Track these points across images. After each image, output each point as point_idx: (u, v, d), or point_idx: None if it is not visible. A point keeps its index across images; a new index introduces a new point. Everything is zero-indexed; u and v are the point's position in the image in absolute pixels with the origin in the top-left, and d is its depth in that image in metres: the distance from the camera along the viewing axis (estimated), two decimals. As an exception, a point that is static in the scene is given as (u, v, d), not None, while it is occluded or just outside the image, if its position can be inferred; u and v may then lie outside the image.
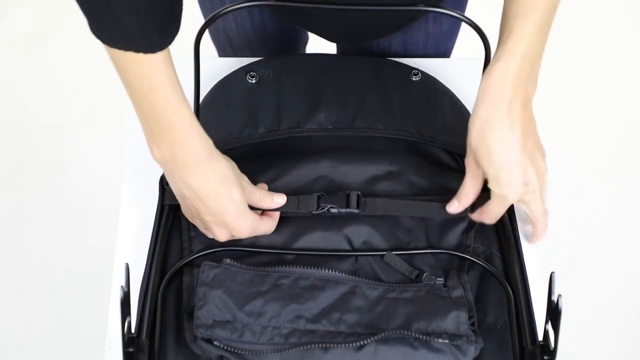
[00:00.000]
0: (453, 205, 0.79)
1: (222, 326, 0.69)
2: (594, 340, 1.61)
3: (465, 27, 0.81)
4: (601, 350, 1.62)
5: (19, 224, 1.74)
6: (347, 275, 0.75)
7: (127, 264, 0.67)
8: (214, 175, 0.72)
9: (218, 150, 0.73)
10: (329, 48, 1.04)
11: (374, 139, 0.85)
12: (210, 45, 1.12)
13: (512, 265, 0.78)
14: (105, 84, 1.61)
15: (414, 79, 0.91)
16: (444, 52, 1.03)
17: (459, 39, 1.04)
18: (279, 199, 0.78)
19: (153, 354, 0.72)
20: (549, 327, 0.68)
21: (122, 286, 0.65)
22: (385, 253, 0.78)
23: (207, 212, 0.73)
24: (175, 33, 0.66)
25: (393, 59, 0.96)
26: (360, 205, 0.79)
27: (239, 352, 0.69)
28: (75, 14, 0.64)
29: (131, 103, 0.69)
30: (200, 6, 1.01)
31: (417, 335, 0.69)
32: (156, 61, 0.65)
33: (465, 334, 0.70)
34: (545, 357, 0.69)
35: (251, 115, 0.84)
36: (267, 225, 0.78)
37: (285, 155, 0.84)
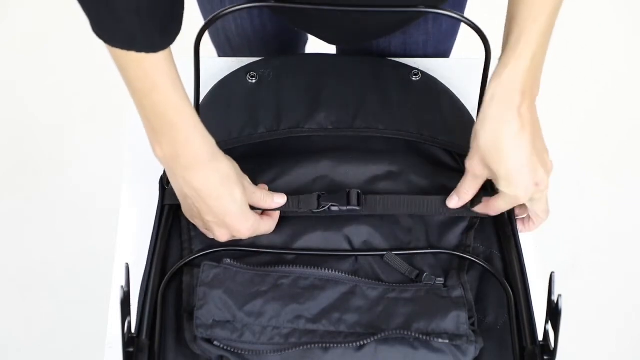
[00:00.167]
0: (453, 200, 0.79)
1: (222, 326, 0.69)
2: (594, 340, 1.61)
3: (464, 27, 0.81)
4: (601, 350, 1.62)
5: (19, 224, 1.74)
6: (347, 275, 0.75)
7: (127, 264, 0.67)
8: (216, 175, 0.72)
9: (220, 150, 0.73)
10: (329, 48, 1.04)
11: (374, 139, 0.85)
12: (209, 46, 1.12)
13: (512, 265, 0.78)
14: (105, 84, 1.61)
15: (414, 79, 0.91)
16: (443, 52, 1.03)
17: (458, 39, 1.04)
18: (280, 199, 0.78)
19: (153, 354, 0.72)
20: (549, 327, 0.68)
21: (122, 286, 0.65)
22: (385, 253, 0.78)
23: (208, 212, 0.73)
24: (177, 33, 0.66)
25: (393, 59, 0.96)
26: (361, 203, 0.79)
27: (239, 352, 0.69)
28: (75, 14, 0.64)
29: (133, 102, 0.69)
30: (199, 7, 1.01)
31: (417, 335, 0.69)
32: (158, 61, 0.65)
33: (465, 334, 0.70)
34: (545, 357, 0.69)
35: (251, 115, 0.84)
36: (268, 225, 0.78)
37: (285, 155, 0.84)
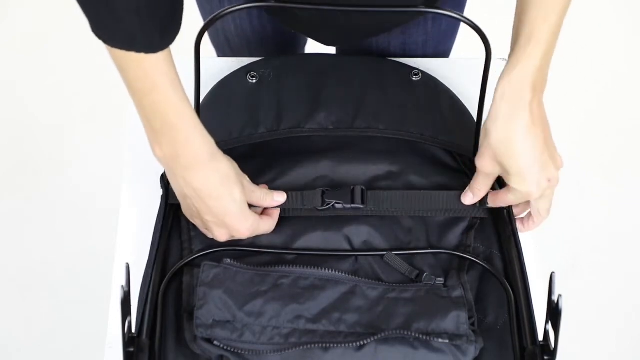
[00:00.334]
0: (468, 196, 0.80)
1: (222, 326, 0.69)
2: (594, 340, 1.61)
3: (464, 27, 0.81)
4: (601, 350, 1.62)
5: (19, 224, 1.74)
6: (347, 275, 0.75)
7: (128, 263, 0.67)
8: (215, 175, 0.72)
9: (220, 150, 0.73)
10: (328, 49, 1.04)
11: (375, 139, 0.85)
12: (209, 47, 1.12)
13: (512, 265, 0.78)
14: (105, 84, 1.61)
15: (414, 79, 0.91)
16: (443, 52, 1.02)
17: (458, 39, 1.04)
18: (279, 197, 0.78)
19: (153, 353, 0.72)
20: (549, 327, 0.68)
21: (123, 286, 0.65)
22: (385, 253, 0.78)
23: (208, 212, 0.73)
24: (176, 33, 0.66)
25: (393, 59, 0.96)
26: (365, 200, 0.79)
27: (239, 352, 0.69)
28: (75, 14, 0.64)
29: (133, 102, 0.69)
30: (199, 7, 1.01)
31: (417, 335, 0.69)
32: (157, 61, 0.65)
33: (465, 334, 0.70)
34: (545, 357, 0.69)
35: (251, 115, 0.84)
36: (267, 225, 0.78)
37: (285, 155, 0.84)
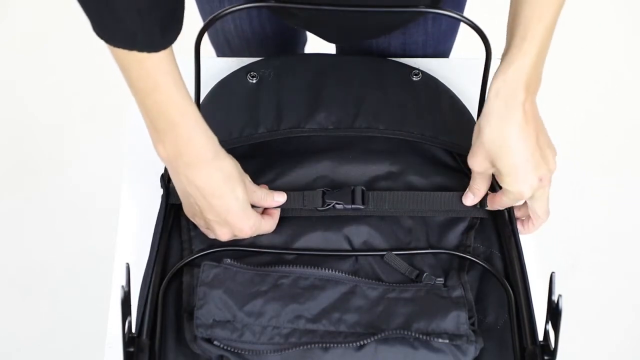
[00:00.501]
0: (469, 197, 0.80)
1: (222, 326, 0.69)
2: (594, 340, 1.61)
3: (464, 27, 0.81)
4: (601, 350, 1.62)
5: (19, 224, 1.74)
6: (347, 275, 0.75)
7: (128, 263, 0.67)
8: (218, 173, 0.72)
9: (222, 149, 0.73)
10: (328, 48, 1.04)
11: (375, 139, 0.85)
12: (209, 47, 1.12)
13: (513, 265, 0.78)
14: (105, 84, 1.61)
15: (414, 79, 0.91)
16: (443, 52, 1.02)
17: (458, 39, 1.04)
18: (280, 197, 0.78)
19: (153, 353, 0.72)
20: (549, 327, 0.68)
21: (123, 286, 0.65)
22: (385, 253, 0.78)
23: (210, 211, 0.73)
24: (178, 32, 0.66)
25: (393, 59, 0.96)
26: (366, 201, 0.79)
27: (239, 352, 0.69)
28: (75, 14, 0.64)
29: (135, 102, 0.69)
30: (198, 8, 1.01)
31: (417, 335, 0.69)
32: (159, 60, 0.65)
33: (465, 334, 0.70)
34: (545, 357, 0.69)
35: (251, 115, 0.84)
36: (269, 225, 0.78)
37: (285, 155, 0.84)
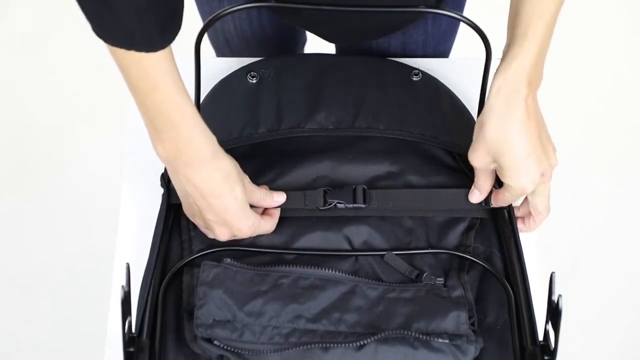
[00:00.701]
0: (475, 195, 0.80)
1: (222, 326, 0.69)
2: (594, 340, 1.61)
3: (464, 27, 0.81)
4: (601, 350, 1.62)
5: (19, 224, 1.74)
6: (347, 275, 0.75)
7: (128, 263, 0.67)
8: (217, 173, 0.72)
9: (221, 149, 0.73)
10: (328, 48, 1.04)
11: (375, 139, 0.85)
12: (209, 47, 1.12)
13: (513, 265, 0.78)
14: (105, 84, 1.61)
15: (414, 79, 0.91)
16: (443, 52, 1.02)
17: (458, 39, 1.04)
18: (279, 197, 0.78)
19: (153, 353, 0.72)
20: (549, 327, 0.68)
21: (123, 286, 0.65)
22: (385, 253, 0.78)
23: (209, 210, 0.73)
24: (177, 32, 0.66)
25: (393, 59, 0.96)
26: (367, 200, 0.79)
27: (239, 352, 0.69)
28: (75, 14, 0.64)
29: (134, 102, 0.69)
30: (198, 8, 1.01)
31: (417, 335, 0.69)
32: (158, 60, 0.65)
33: (465, 334, 0.70)
34: (545, 357, 0.69)
35: (252, 115, 0.84)
36: (268, 225, 0.78)
37: (285, 155, 0.84)
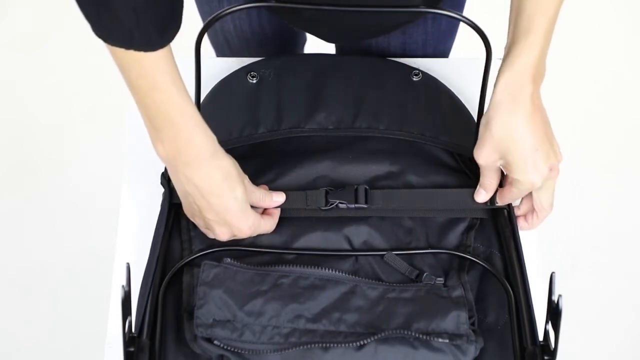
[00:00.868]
0: (481, 194, 0.80)
1: (222, 325, 0.69)
2: (594, 340, 1.61)
3: (463, 27, 0.81)
4: (601, 350, 1.62)
5: (19, 224, 1.74)
6: (347, 275, 0.75)
7: (128, 263, 0.67)
8: (217, 172, 0.72)
9: (221, 148, 0.73)
10: (328, 48, 1.04)
11: (375, 139, 0.85)
12: (209, 47, 1.12)
13: (513, 265, 0.78)
14: (105, 84, 1.61)
15: (414, 79, 0.91)
16: (442, 52, 1.02)
17: (458, 39, 1.04)
18: (279, 198, 0.79)
19: (153, 353, 0.72)
20: (549, 327, 0.68)
21: (123, 286, 0.65)
22: (385, 253, 0.78)
23: (209, 210, 0.73)
24: (176, 31, 0.66)
25: (393, 59, 0.96)
26: (369, 200, 0.79)
27: (239, 352, 0.69)
28: (75, 14, 0.64)
29: (134, 101, 0.69)
30: (198, 8, 1.01)
31: (417, 335, 0.69)
32: (157, 59, 0.65)
33: (466, 334, 0.70)
34: (545, 357, 0.69)
35: (252, 115, 0.84)
36: (268, 224, 0.78)
37: (285, 155, 0.84)
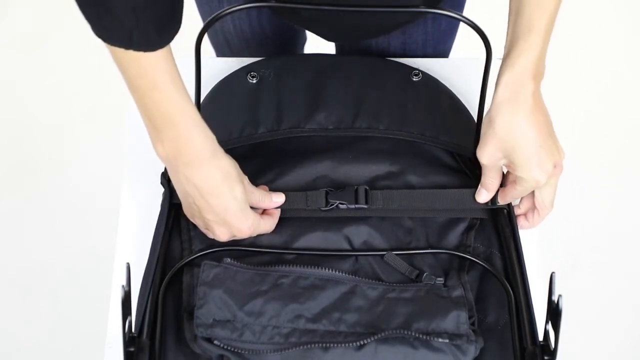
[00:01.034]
0: (482, 194, 0.80)
1: (222, 325, 0.69)
2: (594, 340, 1.61)
3: (463, 27, 0.81)
4: (601, 350, 1.62)
5: (19, 224, 1.74)
6: (347, 275, 0.75)
7: (128, 263, 0.67)
8: (217, 172, 0.72)
9: (221, 148, 0.73)
10: (328, 49, 1.04)
11: (375, 139, 0.85)
12: (209, 47, 1.12)
13: (512, 265, 0.78)
14: (105, 84, 1.61)
15: (414, 79, 0.91)
16: (442, 52, 1.02)
17: (458, 39, 1.04)
18: (278, 198, 0.79)
19: (153, 353, 0.72)
20: (549, 327, 0.68)
21: (123, 285, 0.65)
22: (385, 253, 0.78)
23: (209, 210, 0.73)
24: (175, 31, 0.66)
25: (393, 59, 0.96)
26: (369, 200, 0.79)
27: (239, 352, 0.69)
28: (75, 14, 0.64)
29: (134, 101, 0.69)
30: (198, 8, 1.01)
31: (417, 335, 0.69)
32: (157, 59, 0.65)
33: (466, 334, 0.70)
34: (545, 357, 0.69)
35: (252, 115, 0.84)
36: (268, 225, 0.78)
37: (285, 155, 0.84)
